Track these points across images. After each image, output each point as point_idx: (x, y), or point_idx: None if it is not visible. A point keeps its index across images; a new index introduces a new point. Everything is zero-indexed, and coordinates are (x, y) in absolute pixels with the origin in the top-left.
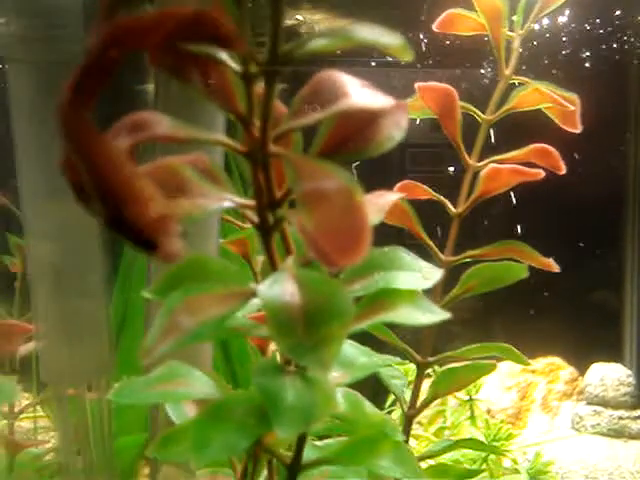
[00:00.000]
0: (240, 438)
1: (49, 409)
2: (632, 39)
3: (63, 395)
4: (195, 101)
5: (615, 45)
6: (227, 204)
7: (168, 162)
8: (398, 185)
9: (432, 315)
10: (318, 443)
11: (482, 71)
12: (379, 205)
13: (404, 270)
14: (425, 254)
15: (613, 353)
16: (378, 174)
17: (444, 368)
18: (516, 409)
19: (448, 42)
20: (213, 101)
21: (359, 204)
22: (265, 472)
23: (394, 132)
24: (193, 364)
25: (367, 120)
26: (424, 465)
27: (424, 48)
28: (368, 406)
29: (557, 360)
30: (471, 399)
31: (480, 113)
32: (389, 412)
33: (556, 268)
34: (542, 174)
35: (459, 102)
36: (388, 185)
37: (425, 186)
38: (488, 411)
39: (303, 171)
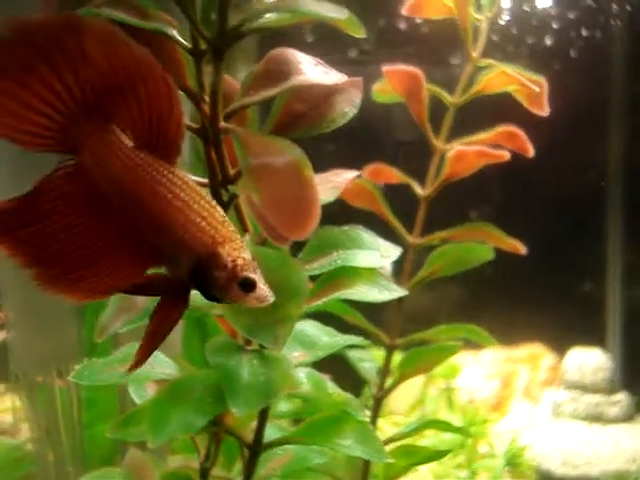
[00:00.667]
0: (197, 417)
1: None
2: (617, 22)
3: (33, 384)
4: None
5: (597, 29)
6: None
7: None
8: (367, 168)
9: (389, 293)
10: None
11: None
12: (335, 183)
13: (363, 249)
14: None
15: (596, 341)
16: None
17: (410, 352)
18: (498, 397)
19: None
20: None
21: (307, 179)
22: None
23: (347, 108)
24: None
25: (321, 96)
26: (393, 446)
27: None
28: (331, 386)
29: (539, 348)
30: (449, 388)
31: (447, 96)
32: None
33: (522, 250)
34: (507, 156)
35: (426, 85)
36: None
37: (394, 170)
38: (470, 400)
39: (251, 146)
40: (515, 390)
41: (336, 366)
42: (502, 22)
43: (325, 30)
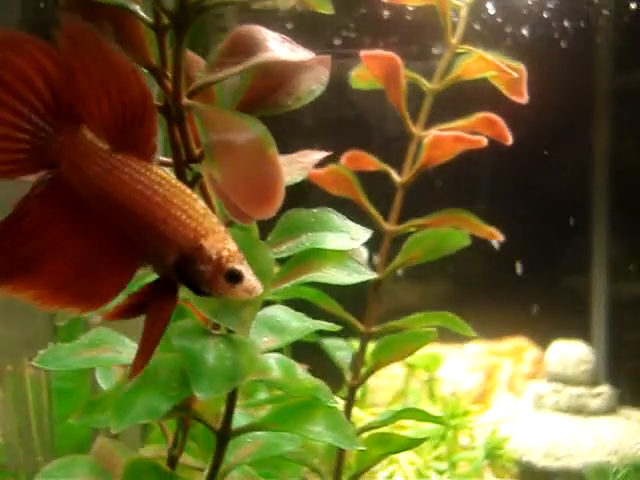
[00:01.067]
0: (162, 402)
1: None
2: (604, 11)
3: (2, 373)
4: None
5: (583, 19)
6: None
7: None
8: (345, 155)
9: (359, 275)
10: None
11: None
12: (303, 164)
13: (333, 231)
14: None
15: (581, 335)
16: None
17: (383, 339)
18: (481, 390)
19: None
20: (126, 54)
21: (271, 156)
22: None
23: (314, 86)
24: (129, 329)
25: (287, 74)
26: (367, 435)
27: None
28: (301, 372)
29: (523, 341)
30: (430, 379)
31: (425, 82)
32: None
33: (499, 237)
34: (484, 142)
35: (404, 70)
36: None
37: (371, 157)
38: (453, 392)
39: (213, 122)
40: (498, 383)
41: (316, 358)
42: (485, 10)
43: (306, 18)
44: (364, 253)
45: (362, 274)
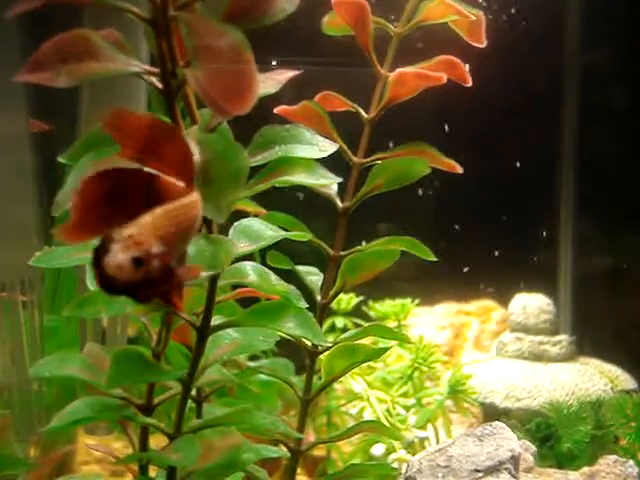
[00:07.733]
0: None
1: None
2: None
3: None
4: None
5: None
6: (133, 69)
7: (80, 31)
8: (318, 96)
9: (325, 179)
10: None
11: None
12: (277, 79)
13: (303, 144)
14: None
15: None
16: None
17: (350, 256)
18: (450, 347)
19: None
20: None
21: (248, 58)
22: None
23: (287, 6)
24: None
25: None
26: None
27: None
28: (275, 278)
29: (491, 302)
30: (399, 325)
31: (391, 26)
32: None
33: (459, 169)
34: (444, 79)
35: (371, 15)
36: None
37: (342, 97)
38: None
39: (197, 28)
40: (466, 340)
41: None
42: None
43: None
44: (335, 185)
45: (329, 179)
